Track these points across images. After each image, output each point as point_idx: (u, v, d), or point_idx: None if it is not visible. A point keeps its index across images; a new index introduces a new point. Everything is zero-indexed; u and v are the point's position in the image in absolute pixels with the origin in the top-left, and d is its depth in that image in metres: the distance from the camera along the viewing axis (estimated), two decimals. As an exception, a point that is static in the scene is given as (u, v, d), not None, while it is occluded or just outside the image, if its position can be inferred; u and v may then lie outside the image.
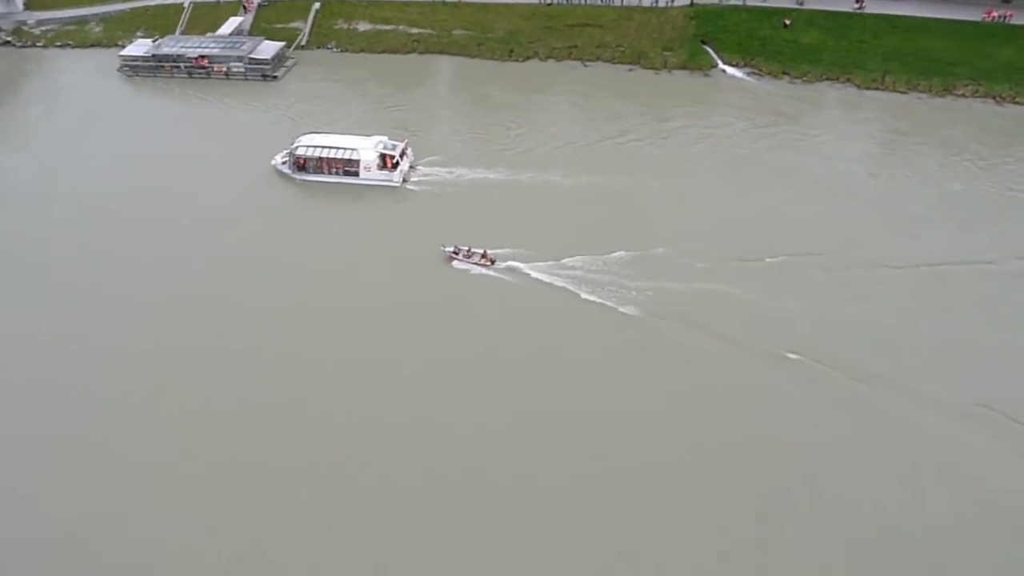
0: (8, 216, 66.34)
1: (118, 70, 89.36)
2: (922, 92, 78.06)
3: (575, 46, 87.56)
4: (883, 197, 63.69)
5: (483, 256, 57.50)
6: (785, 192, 64.03)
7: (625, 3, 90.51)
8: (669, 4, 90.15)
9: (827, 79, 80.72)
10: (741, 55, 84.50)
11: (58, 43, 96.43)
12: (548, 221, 61.38)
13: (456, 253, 57.90)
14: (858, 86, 79.64)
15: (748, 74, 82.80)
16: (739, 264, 56.12)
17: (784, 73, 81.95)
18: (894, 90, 78.68)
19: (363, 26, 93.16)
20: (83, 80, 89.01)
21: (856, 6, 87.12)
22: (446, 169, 68.44)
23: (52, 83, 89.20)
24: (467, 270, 57.16)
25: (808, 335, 50.19)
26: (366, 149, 67.61)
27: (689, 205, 62.86)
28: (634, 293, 53.74)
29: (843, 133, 73.06)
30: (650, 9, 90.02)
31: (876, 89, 79.05)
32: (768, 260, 56.42)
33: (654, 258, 56.85)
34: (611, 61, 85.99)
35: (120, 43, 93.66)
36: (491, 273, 56.78)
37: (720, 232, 59.01)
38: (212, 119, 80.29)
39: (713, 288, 53.94)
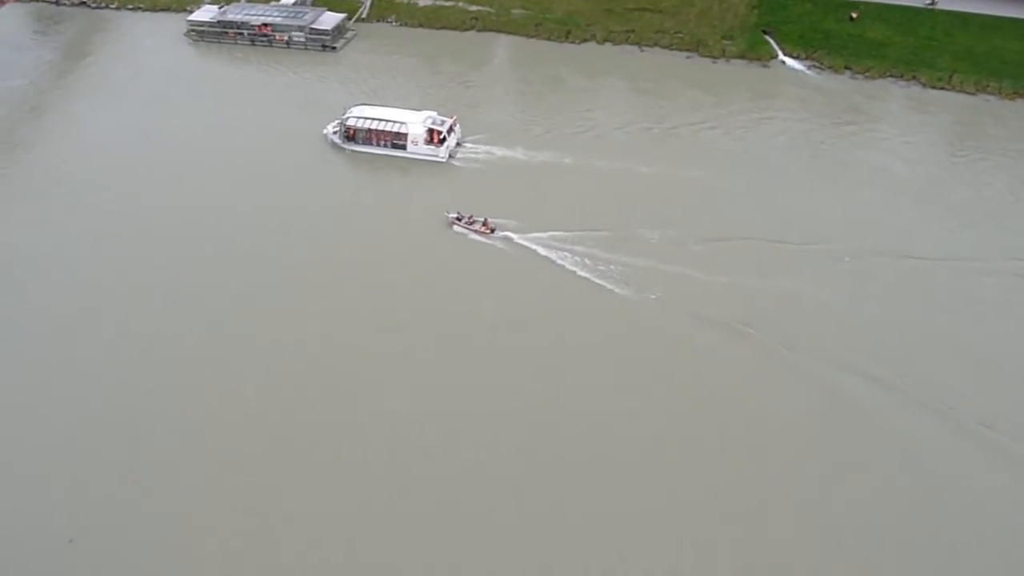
0: (95, 165, 69.70)
1: (185, 34, 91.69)
2: (991, 94, 75.29)
3: (633, 31, 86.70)
4: (972, 202, 62.32)
5: (483, 224, 58.64)
6: (860, 192, 63.01)
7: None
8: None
9: (891, 76, 78.40)
10: (803, 47, 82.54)
11: (130, 6, 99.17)
12: (573, 201, 62.10)
13: (459, 219, 59.15)
14: (923, 84, 77.19)
15: (808, 67, 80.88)
16: (821, 264, 56.00)
17: (846, 68, 79.81)
18: (961, 90, 76.07)
19: (423, 1, 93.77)
20: (152, 43, 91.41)
21: (928, 2, 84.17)
22: (492, 147, 68.87)
23: (124, 44, 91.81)
24: (465, 235, 58.72)
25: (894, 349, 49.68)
26: (414, 123, 68.42)
27: (755, 197, 62.38)
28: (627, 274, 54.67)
29: (915, 131, 71.35)
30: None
31: (942, 89, 76.51)
32: (848, 260, 56.45)
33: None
34: (669, 47, 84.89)
35: (189, 8, 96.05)
36: (487, 241, 58.16)
37: (794, 226, 59.02)
38: (271, 87, 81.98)
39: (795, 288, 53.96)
